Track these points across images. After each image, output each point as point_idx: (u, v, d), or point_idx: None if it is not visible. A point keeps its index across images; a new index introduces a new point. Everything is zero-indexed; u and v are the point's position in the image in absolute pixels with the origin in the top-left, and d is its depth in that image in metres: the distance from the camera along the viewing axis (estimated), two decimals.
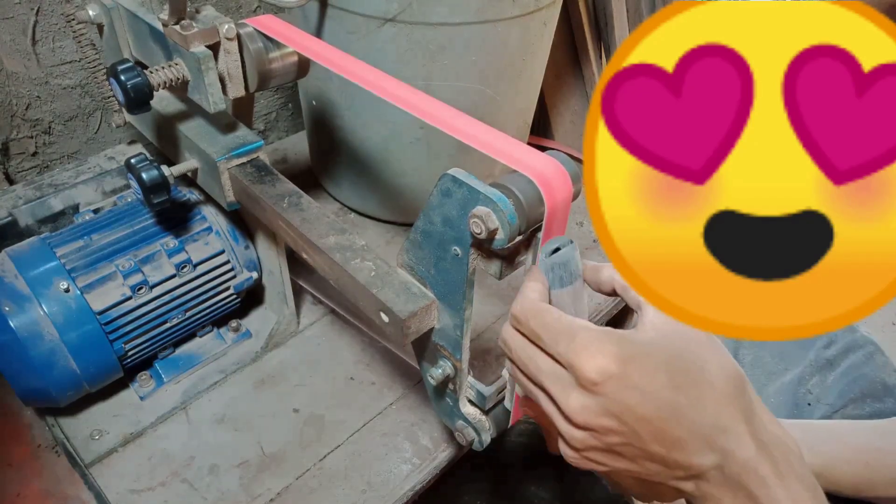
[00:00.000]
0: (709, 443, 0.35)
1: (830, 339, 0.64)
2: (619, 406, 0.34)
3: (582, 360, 0.35)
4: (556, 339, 0.37)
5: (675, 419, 0.34)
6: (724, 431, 0.35)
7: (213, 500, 0.61)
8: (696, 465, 0.35)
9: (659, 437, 0.35)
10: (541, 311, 0.39)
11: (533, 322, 0.38)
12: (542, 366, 0.38)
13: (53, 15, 0.80)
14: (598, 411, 0.35)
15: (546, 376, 0.37)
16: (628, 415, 0.34)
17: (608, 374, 0.34)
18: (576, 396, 0.36)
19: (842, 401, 0.59)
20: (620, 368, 0.34)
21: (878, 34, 0.33)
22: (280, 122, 1.18)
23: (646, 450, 0.35)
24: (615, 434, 0.35)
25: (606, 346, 0.35)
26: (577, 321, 0.37)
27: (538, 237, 0.43)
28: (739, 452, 0.35)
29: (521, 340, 0.40)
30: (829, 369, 0.62)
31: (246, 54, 0.58)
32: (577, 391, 0.36)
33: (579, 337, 0.36)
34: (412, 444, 0.67)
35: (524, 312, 0.39)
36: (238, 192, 0.61)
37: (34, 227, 0.71)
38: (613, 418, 0.35)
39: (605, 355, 0.35)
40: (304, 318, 0.80)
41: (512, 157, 0.41)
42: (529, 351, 0.39)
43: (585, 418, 0.35)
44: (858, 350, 0.62)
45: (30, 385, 0.59)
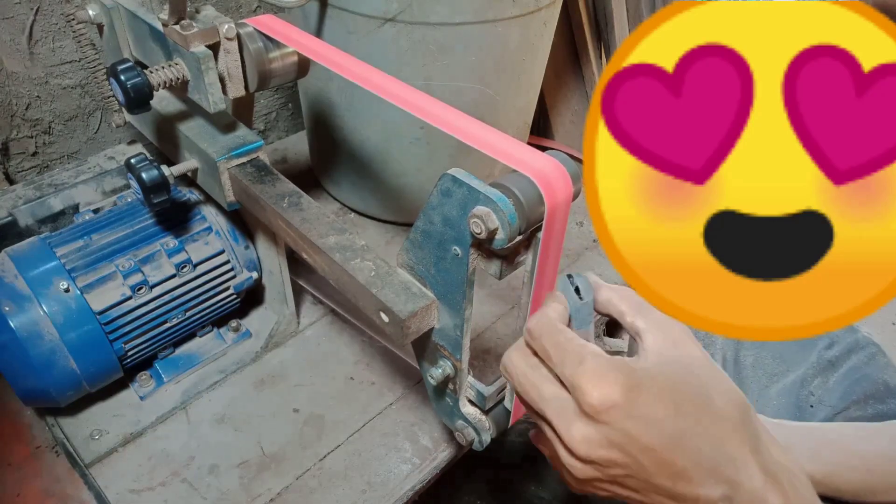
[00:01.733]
0: (716, 474, 0.34)
1: (832, 340, 0.64)
2: (623, 436, 0.34)
3: (587, 385, 0.34)
4: (564, 360, 0.36)
5: (681, 449, 0.34)
6: (731, 462, 0.34)
7: (213, 500, 0.61)
8: (704, 497, 0.34)
9: (664, 469, 0.34)
10: (556, 330, 0.38)
11: (546, 339, 0.38)
12: (544, 393, 0.37)
13: (53, 15, 0.80)
14: (601, 442, 0.34)
15: (548, 405, 0.37)
16: (632, 445, 0.34)
17: (612, 403, 0.34)
18: (578, 427, 0.35)
19: (844, 403, 0.59)
20: (625, 397, 0.34)
21: (878, 34, 0.33)
22: (280, 122, 1.18)
23: (650, 482, 0.34)
24: (618, 466, 0.35)
25: (613, 375, 0.34)
26: (588, 346, 0.37)
27: (538, 237, 0.43)
28: (748, 483, 0.33)
29: (524, 366, 0.39)
30: (830, 371, 0.62)
31: (246, 54, 0.58)
32: (580, 421, 0.35)
33: (587, 362, 0.35)
34: (412, 444, 0.67)
35: (540, 328, 0.39)
36: (238, 192, 0.61)
37: (34, 227, 0.70)
38: (616, 449, 0.34)
39: (611, 383, 0.34)
40: (304, 318, 0.80)
41: (512, 157, 0.41)
42: (533, 377, 0.39)
43: (587, 450, 0.35)
44: (860, 351, 0.62)
45: (30, 385, 0.59)
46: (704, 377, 0.36)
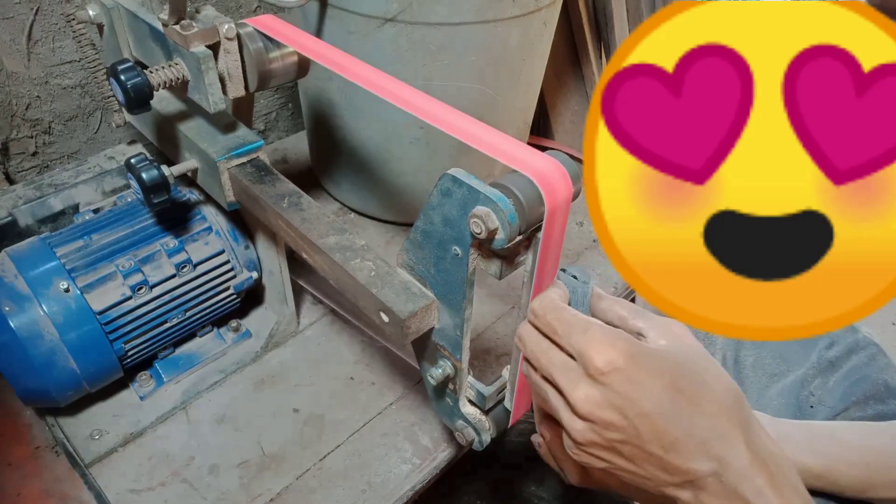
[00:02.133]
0: (706, 449, 0.35)
1: (832, 341, 0.64)
2: (622, 399, 0.35)
3: (592, 349, 0.36)
4: (570, 331, 0.38)
5: (675, 419, 0.35)
6: (721, 439, 0.35)
7: (213, 500, 0.61)
8: (693, 470, 0.35)
9: (657, 437, 0.35)
10: (559, 307, 0.41)
11: (550, 315, 0.40)
12: (553, 359, 0.39)
13: (53, 15, 0.80)
14: (602, 402, 0.36)
15: (556, 368, 0.39)
16: (630, 409, 0.35)
17: (615, 366, 0.36)
18: (582, 387, 0.37)
19: (844, 403, 0.59)
20: (627, 362, 0.36)
21: (878, 34, 0.33)
22: (280, 122, 1.18)
23: (644, 449, 0.36)
24: (616, 429, 0.36)
25: (617, 341, 0.37)
26: (591, 319, 0.39)
27: (538, 237, 0.43)
28: (736, 462, 0.35)
29: (537, 335, 0.41)
30: (831, 371, 0.62)
31: (246, 54, 0.58)
32: (585, 381, 0.37)
33: (592, 330, 0.37)
34: (412, 444, 0.67)
35: (543, 307, 0.41)
36: (238, 192, 0.61)
37: (34, 227, 0.70)
38: (616, 411, 0.36)
39: (615, 348, 0.36)
40: (304, 318, 0.80)
41: (512, 157, 0.41)
42: (543, 345, 0.41)
43: (589, 409, 0.36)
44: (860, 352, 0.62)
45: (30, 385, 0.59)
46: (702, 364, 0.38)
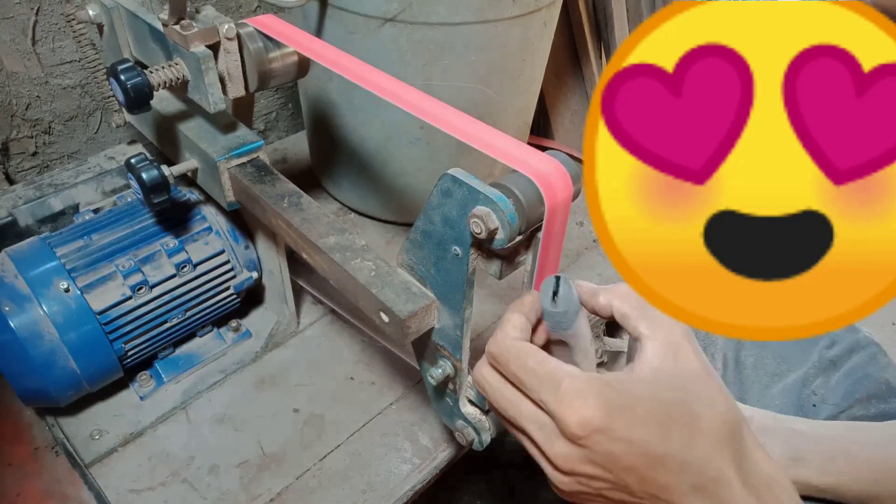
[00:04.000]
0: (699, 490, 0.34)
1: (833, 340, 0.64)
2: (604, 457, 0.34)
3: (565, 412, 0.34)
4: (540, 385, 0.35)
5: (664, 467, 0.34)
6: (713, 480, 0.34)
7: (213, 500, 0.61)
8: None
9: (647, 485, 0.34)
10: (522, 352, 0.37)
11: (514, 364, 0.36)
12: (524, 412, 0.36)
13: (53, 15, 0.80)
14: (583, 460, 0.34)
15: (528, 423, 0.36)
16: (614, 465, 0.34)
17: (592, 428, 0.33)
18: (559, 446, 0.35)
19: (847, 401, 0.59)
20: (604, 421, 0.33)
21: (878, 34, 0.33)
22: (280, 122, 1.18)
23: (634, 496, 0.35)
24: (601, 481, 0.35)
25: (590, 398, 0.34)
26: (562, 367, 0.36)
27: (538, 237, 0.43)
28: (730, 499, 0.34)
29: (500, 381, 0.38)
30: (832, 370, 0.62)
31: (246, 54, 0.58)
32: (561, 441, 0.35)
33: (563, 386, 0.34)
34: (412, 444, 0.67)
35: (503, 353, 0.37)
36: (238, 192, 0.61)
37: (34, 227, 0.71)
38: (598, 467, 0.34)
39: (589, 407, 0.33)
40: (304, 318, 0.80)
41: (512, 157, 0.41)
42: (509, 394, 0.37)
43: (571, 466, 0.35)
44: (861, 351, 0.62)
45: (30, 385, 0.59)
46: (696, 393, 0.36)
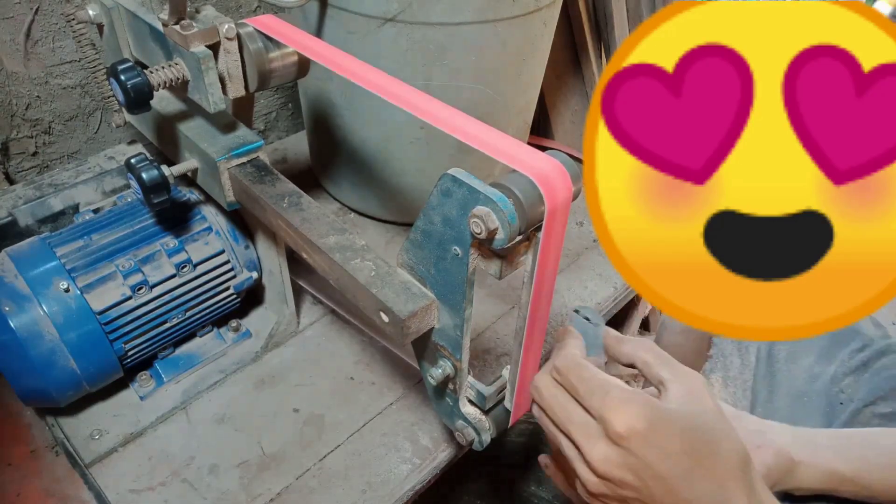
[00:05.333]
0: None
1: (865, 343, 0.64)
2: (640, 462, 0.37)
3: (613, 414, 0.38)
4: (592, 392, 0.40)
5: (688, 483, 0.36)
6: (728, 501, 0.37)
7: (213, 500, 0.61)
8: None
9: (669, 498, 0.37)
10: (581, 365, 0.42)
11: (573, 375, 0.42)
12: (572, 415, 0.41)
13: (53, 15, 0.80)
14: (619, 464, 0.37)
15: (575, 426, 0.40)
16: (646, 471, 0.37)
17: (635, 431, 0.37)
18: (601, 447, 0.38)
19: (872, 396, 0.60)
20: (646, 427, 0.37)
21: (878, 34, 0.33)
22: (280, 122, 1.18)
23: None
24: (630, 488, 0.38)
25: (636, 406, 0.38)
26: (611, 379, 0.40)
27: (538, 237, 0.43)
28: None
29: (555, 389, 0.43)
30: (862, 371, 0.62)
31: (246, 54, 0.58)
32: (603, 442, 0.38)
33: (612, 393, 0.38)
34: (412, 444, 0.67)
35: (567, 367, 0.42)
36: (238, 192, 0.61)
37: (34, 227, 0.70)
38: (631, 473, 0.37)
39: (635, 414, 0.37)
40: (304, 318, 0.80)
41: (512, 157, 0.41)
42: (561, 399, 0.42)
43: (606, 468, 0.38)
44: (892, 354, 0.63)
45: (30, 385, 0.59)
46: (716, 428, 0.39)
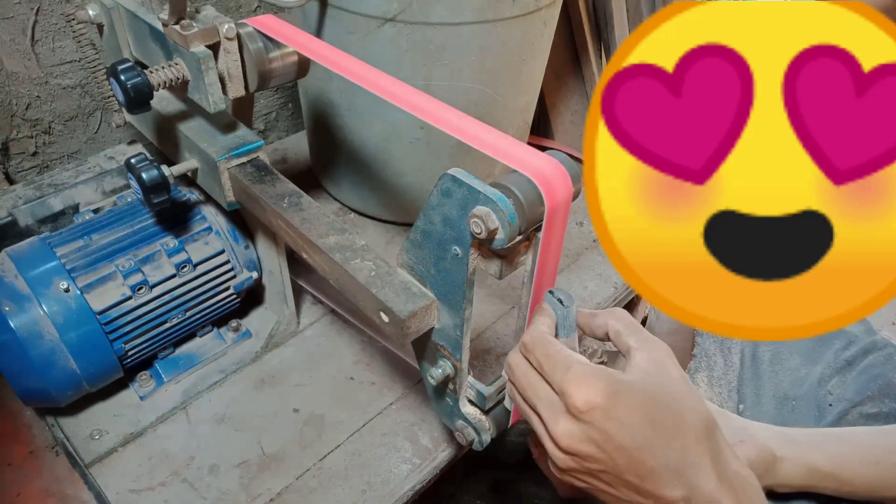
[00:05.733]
0: (678, 476, 0.37)
1: (849, 341, 0.64)
2: (600, 434, 0.37)
3: (573, 389, 0.38)
4: (555, 368, 0.40)
5: (650, 451, 0.37)
6: (692, 467, 0.38)
7: (213, 500, 0.61)
8: (666, 496, 0.37)
9: (634, 467, 0.38)
10: (546, 342, 0.42)
11: (538, 351, 0.42)
12: (539, 392, 0.41)
13: (53, 15, 0.80)
14: (582, 438, 0.38)
15: (541, 402, 0.41)
16: (608, 443, 0.38)
17: (593, 405, 0.37)
18: (563, 423, 0.39)
19: (859, 396, 0.60)
20: (605, 401, 0.37)
21: (878, 34, 0.33)
22: (280, 122, 1.18)
23: (621, 477, 0.38)
24: (595, 461, 0.38)
25: (595, 381, 0.38)
26: (574, 356, 0.41)
27: (538, 237, 0.43)
28: (705, 487, 0.37)
29: (525, 367, 0.43)
30: (848, 370, 0.62)
31: (246, 54, 0.58)
32: (565, 418, 0.39)
33: (573, 369, 0.39)
34: (412, 444, 0.67)
35: (533, 342, 0.43)
36: (238, 192, 0.61)
37: (34, 227, 0.70)
38: (594, 445, 0.38)
39: (593, 388, 0.38)
40: (304, 318, 0.80)
41: (512, 157, 0.41)
42: (531, 377, 0.43)
43: (569, 443, 0.39)
44: (877, 352, 0.63)
45: (30, 385, 0.59)
46: (678, 396, 0.40)
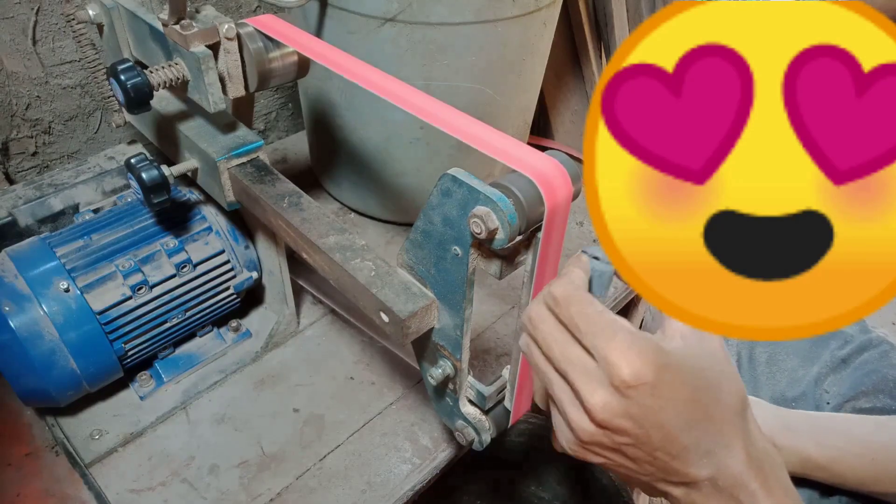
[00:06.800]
0: (709, 455, 0.36)
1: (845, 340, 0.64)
2: (643, 411, 0.35)
3: (621, 360, 0.35)
4: (596, 332, 0.36)
5: (687, 430, 0.35)
6: (724, 447, 0.36)
7: (213, 500, 0.61)
8: (693, 474, 0.36)
9: (668, 445, 0.35)
10: (584, 300, 0.38)
11: (574, 308, 0.38)
12: (571, 356, 0.37)
13: (53, 15, 0.80)
14: (620, 412, 0.35)
15: (573, 367, 0.37)
16: (647, 420, 0.35)
17: (643, 380, 0.34)
18: (602, 394, 0.35)
19: (853, 391, 0.60)
20: (655, 376, 0.35)
21: (878, 34, 0.33)
22: (280, 122, 1.18)
23: (651, 454, 0.36)
24: (627, 435, 0.36)
25: (647, 353, 0.35)
26: (619, 320, 0.37)
27: (538, 237, 0.43)
28: (734, 467, 0.36)
29: (552, 323, 0.39)
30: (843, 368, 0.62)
31: (246, 54, 0.58)
32: (605, 389, 0.35)
33: (619, 336, 0.36)
34: (412, 444, 0.67)
35: (567, 297, 0.38)
36: (238, 192, 0.61)
37: (34, 227, 0.70)
38: (632, 421, 0.35)
39: (644, 361, 0.35)
40: (304, 318, 0.80)
41: (512, 157, 0.41)
42: (559, 336, 0.38)
43: (606, 416, 0.35)
44: (873, 349, 0.63)
45: (30, 385, 0.59)
46: (719, 371, 0.38)
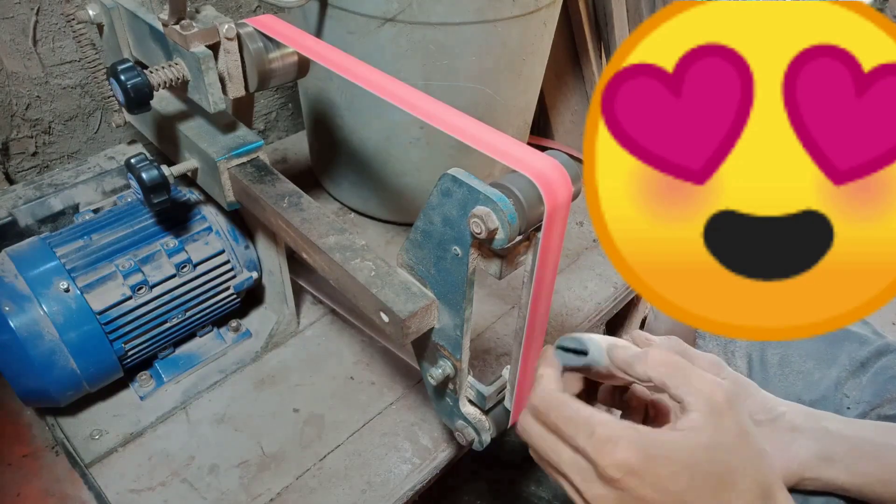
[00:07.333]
0: None
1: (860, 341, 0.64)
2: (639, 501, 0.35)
3: (600, 456, 0.36)
4: (576, 432, 0.37)
5: None
6: None
7: (213, 500, 0.61)
8: None
9: None
10: (560, 403, 0.39)
11: (553, 414, 0.39)
12: (563, 457, 0.39)
13: (53, 15, 0.80)
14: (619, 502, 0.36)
15: (568, 467, 0.38)
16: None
17: (628, 470, 0.35)
18: (596, 488, 0.36)
19: (878, 399, 0.59)
20: (642, 464, 0.35)
21: (878, 34, 0.33)
22: (280, 122, 1.18)
23: None
24: None
25: (622, 442, 0.35)
26: (595, 414, 0.38)
27: (538, 237, 0.43)
28: None
29: (540, 431, 0.41)
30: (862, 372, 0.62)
31: (246, 54, 0.58)
32: (598, 483, 0.36)
33: (597, 432, 0.36)
34: (412, 444, 0.67)
35: (545, 404, 0.40)
36: (238, 192, 0.61)
37: (34, 227, 0.70)
38: None
39: (624, 450, 0.35)
40: (304, 318, 0.80)
41: (512, 157, 0.41)
42: (550, 442, 0.40)
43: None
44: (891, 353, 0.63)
45: (30, 385, 0.59)
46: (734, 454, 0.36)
